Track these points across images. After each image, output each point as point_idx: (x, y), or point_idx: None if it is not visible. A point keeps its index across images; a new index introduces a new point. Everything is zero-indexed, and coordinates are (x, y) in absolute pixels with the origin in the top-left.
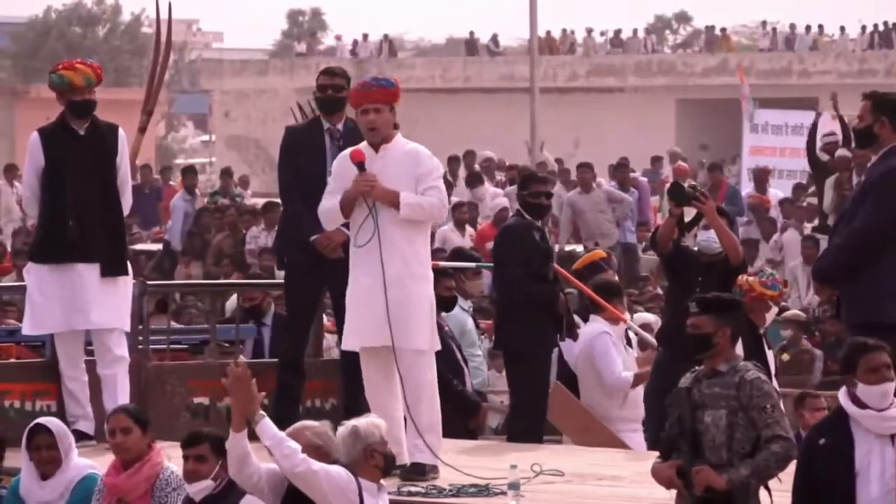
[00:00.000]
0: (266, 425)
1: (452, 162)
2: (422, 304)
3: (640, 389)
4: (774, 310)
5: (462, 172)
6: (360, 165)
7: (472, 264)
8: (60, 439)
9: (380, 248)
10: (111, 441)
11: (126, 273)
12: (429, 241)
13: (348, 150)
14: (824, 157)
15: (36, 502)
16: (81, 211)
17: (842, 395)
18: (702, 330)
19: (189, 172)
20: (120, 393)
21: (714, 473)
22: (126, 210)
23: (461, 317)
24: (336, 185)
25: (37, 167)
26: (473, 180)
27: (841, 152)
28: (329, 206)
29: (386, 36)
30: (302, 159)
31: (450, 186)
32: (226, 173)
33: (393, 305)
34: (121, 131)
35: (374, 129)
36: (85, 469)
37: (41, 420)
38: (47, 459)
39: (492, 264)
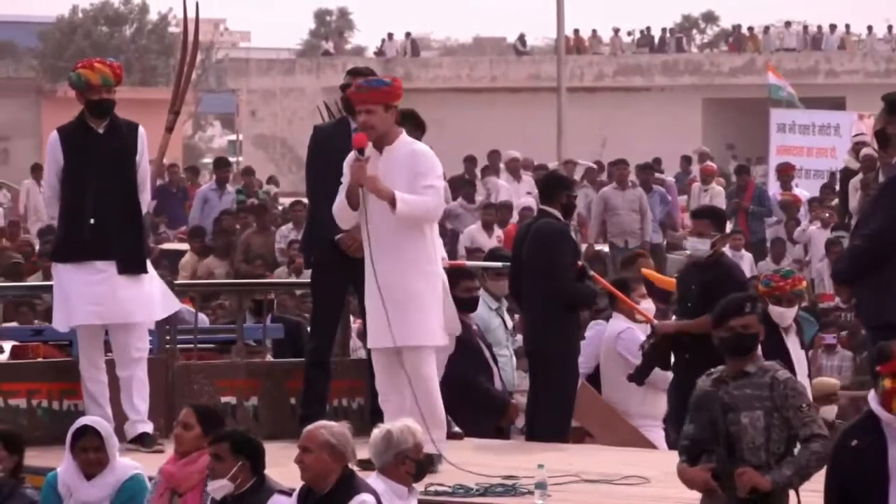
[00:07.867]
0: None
1: (468, 162)
2: (419, 299)
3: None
4: (792, 310)
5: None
6: (360, 151)
7: (498, 264)
8: (107, 441)
9: (370, 249)
10: (174, 431)
11: (145, 271)
12: (430, 238)
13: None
14: (854, 163)
15: (81, 500)
16: (100, 209)
17: (872, 397)
18: (752, 330)
19: (222, 164)
20: (136, 395)
21: (758, 475)
22: (145, 207)
23: (486, 316)
24: (346, 182)
25: (57, 166)
26: (485, 170)
27: (867, 151)
28: (337, 201)
29: (408, 34)
30: (329, 159)
31: (471, 185)
32: (247, 172)
33: (391, 304)
34: (141, 130)
35: (371, 129)
36: (130, 469)
37: (87, 421)
38: (94, 461)
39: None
